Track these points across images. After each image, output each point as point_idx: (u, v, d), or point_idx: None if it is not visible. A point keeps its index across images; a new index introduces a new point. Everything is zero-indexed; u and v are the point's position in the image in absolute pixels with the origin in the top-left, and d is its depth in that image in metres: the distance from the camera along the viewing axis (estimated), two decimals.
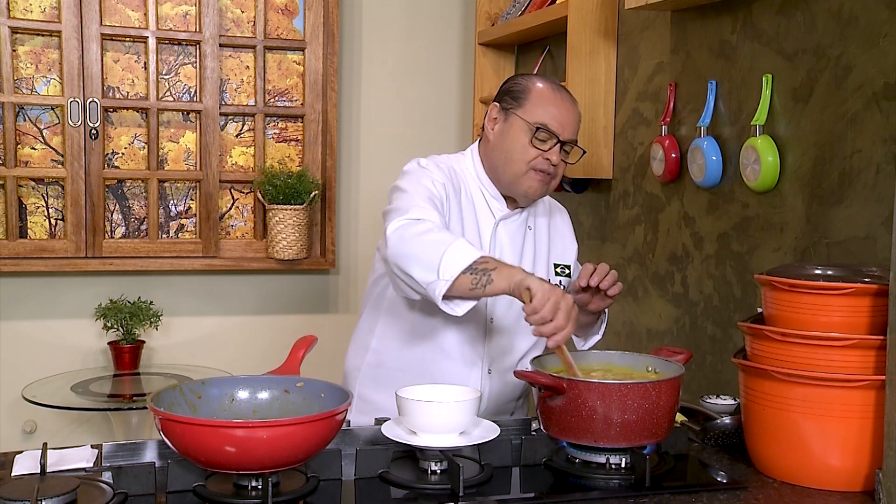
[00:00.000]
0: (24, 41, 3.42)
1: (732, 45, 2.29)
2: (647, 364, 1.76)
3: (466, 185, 2.00)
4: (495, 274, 1.66)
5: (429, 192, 1.86)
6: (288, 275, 3.74)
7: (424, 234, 1.72)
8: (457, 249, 1.68)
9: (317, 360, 2.04)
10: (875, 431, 1.52)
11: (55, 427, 3.46)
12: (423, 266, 1.69)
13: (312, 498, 1.45)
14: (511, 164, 1.94)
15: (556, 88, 1.97)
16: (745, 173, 2.17)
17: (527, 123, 1.92)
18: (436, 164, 1.96)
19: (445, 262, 1.67)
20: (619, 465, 1.60)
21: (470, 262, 1.66)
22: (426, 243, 1.71)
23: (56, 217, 3.50)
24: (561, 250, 2.12)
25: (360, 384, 2.06)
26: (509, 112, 1.95)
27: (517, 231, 2.03)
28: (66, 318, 3.49)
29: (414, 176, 1.91)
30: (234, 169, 3.68)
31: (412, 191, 1.85)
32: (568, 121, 1.94)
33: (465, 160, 2.05)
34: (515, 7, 3.32)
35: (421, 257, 1.70)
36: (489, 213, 2.01)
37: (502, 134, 1.96)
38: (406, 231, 1.74)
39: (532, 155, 1.92)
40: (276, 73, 3.69)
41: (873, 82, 1.86)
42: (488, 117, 2.00)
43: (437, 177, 1.92)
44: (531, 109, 1.93)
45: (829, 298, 1.56)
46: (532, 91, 1.95)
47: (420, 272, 1.70)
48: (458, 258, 1.67)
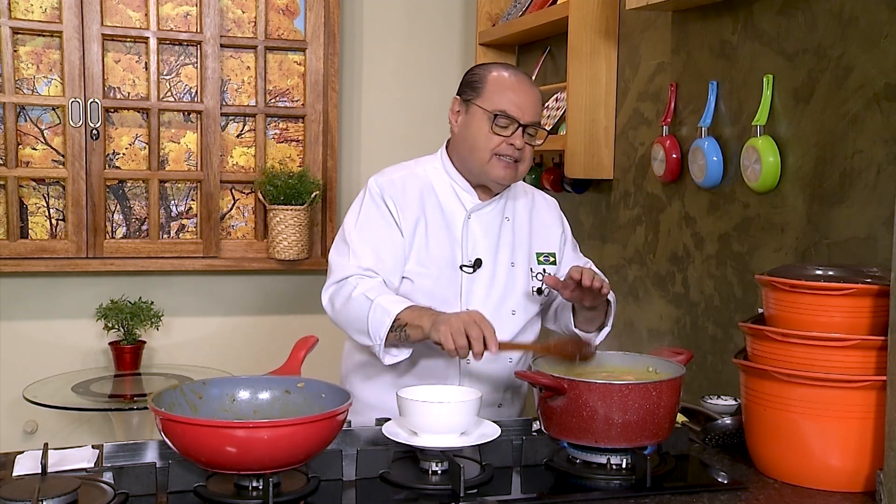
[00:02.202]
0: (26, 41, 3.42)
1: (733, 45, 2.29)
2: (648, 364, 1.76)
3: (431, 186, 2.03)
4: (409, 329, 1.83)
5: (365, 231, 1.98)
6: (289, 275, 3.74)
7: (348, 300, 1.90)
8: (376, 312, 1.85)
9: (317, 360, 2.04)
10: (876, 432, 1.52)
11: (56, 427, 3.46)
12: (357, 332, 1.90)
13: (313, 498, 1.45)
14: (476, 152, 1.97)
15: (512, 73, 2.00)
16: (746, 174, 2.17)
17: (486, 112, 1.95)
18: (390, 181, 2.02)
19: (372, 326, 1.85)
20: (619, 465, 1.60)
21: (389, 324, 1.83)
22: (352, 310, 1.90)
23: (57, 217, 3.50)
24: (544, 239, 2.12)
25: (350, 384, 2.08)
26: (469, 103, 1.99)
27: (492, 222, 2.05)
28: (67, 319, 3.49)
29: (355, 212, 2.03)
30: (235, 169, 3.68)
31: (349, 234, 1.99)
32: (527, 104, 1.96)
33: (433, 160, 2.09)
34: (516, 7, 3.32)
35: (353, 324, 1.91)
36: (460, 207, 2.03)
37: (465, 125, 2.00)
38: (335, 299, 1.94)
39: (495, 142, 1.95)
40: (276, 73, 3.69)
41: (874, 83, 1.86)
42: (451, 111, 2.04)
43: (384, 203, 1.99)
44: (489, 97, 1.96)
45: (830, 299, 1.56)
46: (488, 79, 1.98)
47: (359, 336, 1.91)
48: (379, 321, 1.84)
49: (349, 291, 1.90)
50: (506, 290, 2.02)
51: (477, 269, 2.00)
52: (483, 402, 1.99)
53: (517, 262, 2.05)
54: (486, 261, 2.01)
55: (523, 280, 2.05)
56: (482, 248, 2.01)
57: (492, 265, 2.01)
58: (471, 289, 1.99)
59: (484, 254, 2.01)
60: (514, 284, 2.04)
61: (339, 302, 1.92)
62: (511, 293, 2.03)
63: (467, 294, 1.99)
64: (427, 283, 1.97)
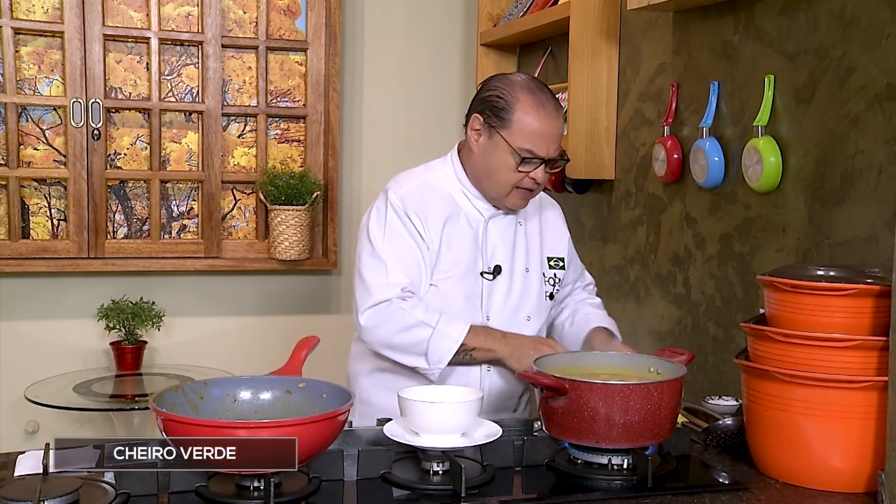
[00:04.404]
0: (27, 42, 3.42)
1: (734, 45, 2.29)
2: (650, 365, 1.76)
3: (448, 194, 2.01)
4: (477, 353, 1.89)
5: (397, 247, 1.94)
6: (290, 275, 3.74)
7: (398, 324, 1.89)
8: (440, 339, 1.86)
9: (319, 360, 2.04)
10: (877, 432, 1.52)
11: (57, 427, 3.46)
12: (409, 355, 1.90)
13: (314, 498, 1.45)
14: (496, 184, 1.96)
15: (539, 103, 1.91)
16: (748, 174, 2.17)
17: (512, 149, 1.91)
18: (408, 193, 1.97)
19: (432, 352, 1.88)
20: (621, 465, 1.60)
21: (455, 348, 1.87)
22: (409, 336, 1.88)
23: (58, 217, 3.50)
24: (554, 244, 2.13)
25: (360, 388, 2.07)
26: (493, 130, 1.94)
27: (507, 227, 2.05)
28: (69, 319, 3.49)
29: (381, 226, 1.96)
30: (237, 169, 3.68)
31: (380, 250, 1.94)
32: (553, 137, 1.93)
33: (444, 166, 2.05)
34: (517, 8, 3.32)
35: (408, 349, 1.90)
36: (477, 213, 2.03)
37: (486, 152, 1.96)
38: (377, 322, 1.90)
39: (518, 178, 1.94)
40: (278, 73, 3.69)
41: (875, 83, 1.86)
42: (470, 126, 1.99)
43: (409, 219, 1.94)
44: (517, 133, 1.91)
45: (832, 299, 1.56)
46: (516, 110, 1.91)
47: (408, 360, 1.91)
48: (444, 347, 1.87)
49: (400, 316, 1.88)
50: (522, 295, 2.03)
51: (497, 276, 2.00)
52: (499, 407, 2.01)
53: (531, 268, 2.06)
54: (503, 267, 2.01)
55: (537, 285, 2.06)
56: (500, 254, 2.02)
57: (509, 271, 2.02)
58: (490, 295, 2.00)
59: (502, 260, 2.02)
60: (529, 290, 2.05)
61: (385, 326, 1.90)
62: (527, 299, 2.04)
63: (487, 300, 2.00)
64: (450, 289, 1.97)
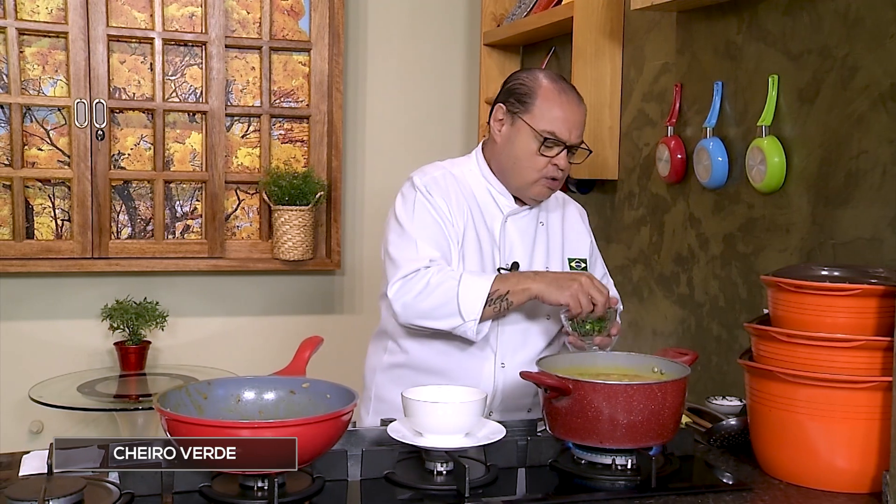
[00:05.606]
0: (31, 42, 3.43)
1: (738, 45, 2.29)
2: (653, 365, 1.76)
3: (470, 187, 2.02)
4: (512, 296, 1.83)
5: (425, 226, 1.92)
6: (293, 275, 3.74)
7: (427, 288, 1.84)
8: (468, 288, 1.81)
9: (322, 360, 2.04)
10: (882, 433, 1.52)
11: (62, 427, 3.46)
12: (443, 317, 1.84)
13: (318, 499, 1.45)
14: (521, 171, 1.96)
15: (561, 90, 1.96)
16: (751, 174, 2.17)
17: (535, 132, 1.92)
18: (433, 179, 1.98)
19: (464, 304, 1.81)
20: (624, 466, 1.59)
21: (485, 296, 1.81)
22: (437, 295, 1.83)
23: (62, 218, 3.51)
24: (575, 244, 2.13)
25: (376, 385, 2.07)
26: (516, 116, 1.95)
27: (528, 226, 2.05)
28: (73, 319, 3.50)
29: (408, 208, 1.95)
30: (240, 170, 3.69)
31: (408, 230, 1.92)
32: (575, 123, 1.94)
33: (469, 163, 2.07)
34: (521, 8, 3.32)
35: (438, 310, 1.84)
36: (497, 210, 2.03)
37: (509, 139, 1.97)
38: (405, 293, 1.85)
39: (542, 164, 1.94)
40: (281, 73, 3.70)
41: (879, 83, 1.86)
42: (493, 118, 2.01)
43: (435, 200, 1.95)
44: (539, 116, 1.93)
45: (836, 299, 1.56)
46: (538, 94, 1.94)
47: (443, 322, 1.85)
48: (474, 296, 1.81)
49: (426, 280, 1.85)
50: None
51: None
52: (513, 407, 2.01)
53: (551, 267, 2.05)
54: (522, 264, 2.01)
55: None
56: (518, 251, 2.02)
57: (527, 268, 2.01)
58: None
59: (520, 257, 2.01)
60: None
61: (413, 293, 1.85)
62: None
63: None
64: None
